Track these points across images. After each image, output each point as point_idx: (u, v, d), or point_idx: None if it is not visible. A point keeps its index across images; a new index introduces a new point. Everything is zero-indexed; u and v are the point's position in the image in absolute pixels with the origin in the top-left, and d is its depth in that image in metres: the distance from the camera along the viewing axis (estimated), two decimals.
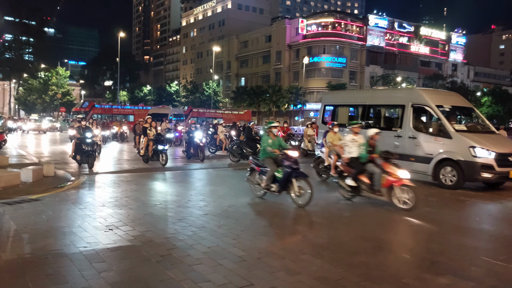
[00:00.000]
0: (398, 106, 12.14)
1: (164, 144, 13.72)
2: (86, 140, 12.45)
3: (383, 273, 4.48)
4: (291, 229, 6.18)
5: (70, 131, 23.44)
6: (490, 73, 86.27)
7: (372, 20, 64.44)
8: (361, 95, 14.25)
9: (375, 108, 13.36)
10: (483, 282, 4.31)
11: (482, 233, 6.38)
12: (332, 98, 16.09)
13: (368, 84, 62.30)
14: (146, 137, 14.00)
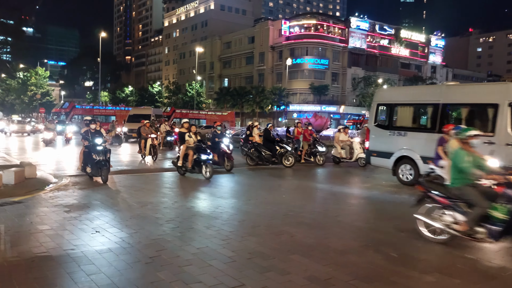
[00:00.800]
0: (488, 106, 9.68)
1: (208, 153, 11.38)
2: (96, 147, 10.24)
3: (371, 271, 4.56)
4: (280, 229, 6.21)
5: (46, 133, 22.47)
6: (468, 75, 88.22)
7: (354, 22, 65.22)
8: (431, 92, 11.93)
9: (452, 107, 10.85)
10: (467, 279, 4.43)
11: None
12: (389, 96, 13.04)
13: (350, 86, 63.02)
14: (184, 145, 11.72)
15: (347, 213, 7.88)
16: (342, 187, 11.07)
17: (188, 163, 11.48)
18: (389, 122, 11.71)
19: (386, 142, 11.55)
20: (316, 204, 8.57)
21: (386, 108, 12.05)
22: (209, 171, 11.11)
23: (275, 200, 8.59)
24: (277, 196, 9.21)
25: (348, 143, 15.89)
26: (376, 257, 5.04)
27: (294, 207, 7.95)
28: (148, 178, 11.70)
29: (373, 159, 12.04)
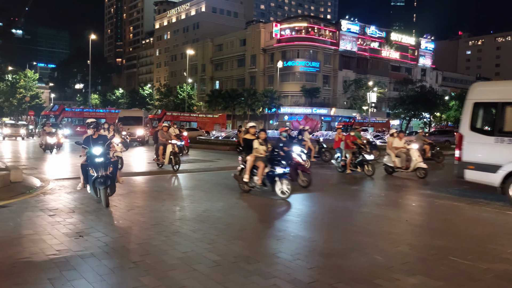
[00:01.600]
0: None
1: (284, 165, 9.07)
2: (94, 160, 7.67)
3: (355, 274, 4.56)
4: (266, 233, 6.21)
5: (48, 138, 20.58)
6: (457, 78, 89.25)
7: (345, 25, 65.64)
8: None
9: None
10: (451, 281, 4.45)
11: (450, 233, 6.58)
12: (493, 92, 9.88)
13: (341, 89, 63.35)
14: (252, 154, 9.33)
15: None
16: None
17: (258, 178, 9.20)
18: (495, 126, 9.31)
19: (490, 152, 9.24)
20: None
21: (487, 108, 9.79)
22: (287, 189, 8.87)
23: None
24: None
25: (404, 150, 13.73)
26: (360, 260, 5.04)
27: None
28: (139, 181, 11.62)
29: (469, 173, 9.59)
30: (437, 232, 6.61)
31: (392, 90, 67.28)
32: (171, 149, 13.79)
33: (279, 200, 8.97)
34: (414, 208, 8.76)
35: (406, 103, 57.00)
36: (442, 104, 59.65)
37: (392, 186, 11.92)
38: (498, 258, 5.26)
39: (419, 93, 57.49)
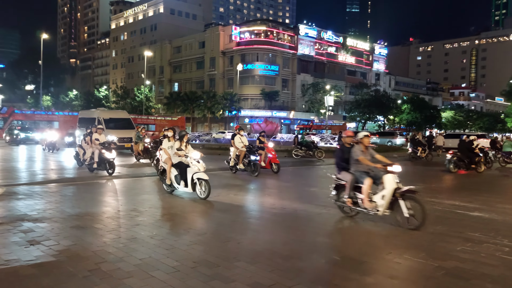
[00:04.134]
0: None
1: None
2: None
3: (315, 275, 4.63)
4: (227, 236, 6.17)
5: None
6: (408, 83, 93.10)
7: (303, 29, 66.80)
8: None
9: None
10: (405, 279, 4.61)
11: (404, 232, 6.82)
12: None
13: (299, 92, 64.40)
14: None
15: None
16: None
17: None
18: None
19: None
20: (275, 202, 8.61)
21: None
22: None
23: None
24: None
25: None
26: (319, 261, 5.12)
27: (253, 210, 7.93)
28: (91, 186, 11.22)
29: None
30: (394, 232, 6.84)
31: (348, 94, 69.14)
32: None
33: (240, 204, 8.97)
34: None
35: (362, 107, 58.82)
36: (395, 107, 61.99)
37: None
38: (448, 256, 5.51)
39: (374, 96, 59.52)
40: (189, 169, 9.21)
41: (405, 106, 64.13)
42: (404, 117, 63.25)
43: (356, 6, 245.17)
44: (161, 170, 10.25)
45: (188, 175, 9.18)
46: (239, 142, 14.40)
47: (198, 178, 9.08)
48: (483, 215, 8.25)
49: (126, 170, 15.23)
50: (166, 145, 9.96)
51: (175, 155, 9.55)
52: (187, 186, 9.21)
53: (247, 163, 14.05)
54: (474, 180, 14.91)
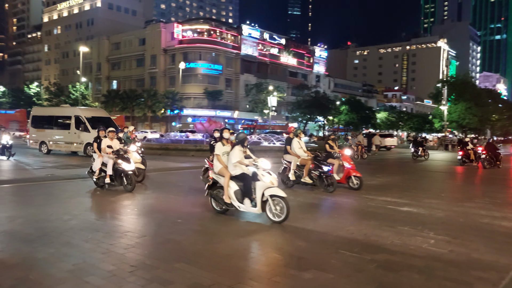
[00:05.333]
0: None
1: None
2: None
3: (255, 273, 4.68)
4: (166, 238, 6.05)
5: None
6: (346, 85, 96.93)
7: (246, 30, 67.18)
8: None
9: None
10: (340, 273, 4.80)
11: (342, 228, 7.09)
12: None
13: (243, 92, 64.74)
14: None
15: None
16: None
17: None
18: None
19: None
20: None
21: None
22: None
23: (167, 207, 8.36)
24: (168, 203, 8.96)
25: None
26: (259, 259, 5.19)
27: (182, 213, 7.83)
28: (21, 189, 10.50)
29: None
30: (329, 228, 7.09)
31: (290, 95, 70.59)
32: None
33: (183, 204, 8.84)
34: (306, 206, 9.27)
35: (303, 107, 60.35)
36: (334, 108, 64.29)
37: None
38: (380, 249, 5.82)
39: (314, 98, 61.30)
40: (258, 183, 7.17)
41: (343, 107, 66.74)
42: (343, 117, 65.77)
43: (298, 9, 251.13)
44: (210, 184, 8.04)
45: (257, 192, 7.19)
46: (299, 148, 11.34)
47: (271, 195, 7.08)
48: (412, 209, 8.79)
49: (60, 171, 14.46)
50: (221, 151, 7.83)
51: (236, 164, 7.51)
52: (255, 206, 7.22)
53: (318, 176, 11.05)
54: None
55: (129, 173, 10.14)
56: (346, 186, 11.42)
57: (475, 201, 10.12)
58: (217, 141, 9.55)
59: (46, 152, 22.19)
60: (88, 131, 20.64)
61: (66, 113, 22.94)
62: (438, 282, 4.59)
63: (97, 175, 10.45)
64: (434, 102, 62.96)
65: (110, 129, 10.70)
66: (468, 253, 5.71)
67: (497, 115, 61.51)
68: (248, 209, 7.32)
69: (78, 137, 21.07)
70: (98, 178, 10.46)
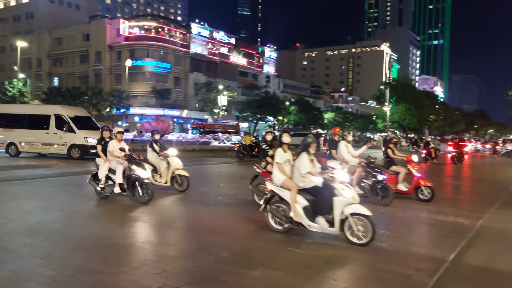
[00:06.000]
0: None
1: None
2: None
3: (203, 274, 4.65)
4: (112, 241, 5.86)
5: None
6: (295, 85, 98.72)
7: (195, 28, 66.50)
8: None
9: None
10: (287, 270, 4.90)
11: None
12: None
13: (193, 91, 64.04)
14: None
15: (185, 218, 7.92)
16: None
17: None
18: None
19: None
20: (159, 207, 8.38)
21: None
22: None
23: None
24: None
25: None
26: (208, 259, 5.17)
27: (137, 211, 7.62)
28: None
29: None
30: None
31: (240, 94, 70.80)
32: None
33: (125, 206, 8.60)
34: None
35: (253, 107, 60.77)
36: (284, 108, 65.32)
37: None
38: (327, 245, 6.00)
39: (264, 98, 61.92)
40: (337, 199, 6.00)
41: (292, 107, 68.00)
42: (292, 118, 67.02)
43: (247, 9, 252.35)
44: (267, 198, 6.73)
45: (335, 209, 6.00)
46: (347, 153, 9.90)
47: (353, 213, 5.93)
48: None
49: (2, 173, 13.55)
50: (282, 159, 6.60)
51: (304, 175, 6.35)
52: (333, 226, 6.04)
53: (370, 186, 9.40)
54: None
55: (146, 181, 8.71)
56: (414, 198, 10.11)
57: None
58: (268, 145, 8.96)
59: (15, 154, 20.21)
60: (73, 132, 19.14)
61: (42, 111, 20.84)
62: (379, 274, 4.82)
63: (103, 184, 9.01)
64: (377, 103, 65.74)
65: (118, 130, 9.37)
66: (407, 247, 6.04)
67: (434, 116, 65.39)
68: (322, 229, 6.10)
69: (60, 138, 19.30)
70: (103, 188, 9.06)
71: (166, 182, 10.46)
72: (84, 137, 19.07)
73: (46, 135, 19.65)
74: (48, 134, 19.62)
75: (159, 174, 10.45)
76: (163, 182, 10.46)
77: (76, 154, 19.09)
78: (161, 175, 10.46)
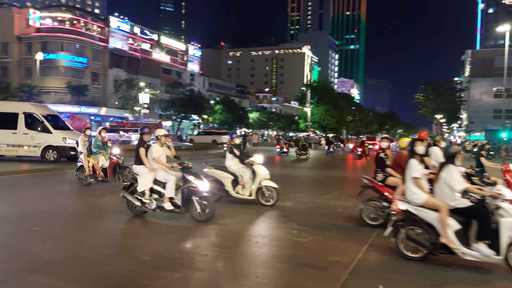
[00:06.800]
0: None
1: None
2: None
3: (122, 278, 4.47)
4: (19, 248, 5.39)
5: None
6: (220, 85, 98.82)
7: (114, 22, 63.58)
8: None
9: None
10: (211, 269, 4.89)
11: (201, 225, 7.21)
12: None
13: (112, 87, 61.19)
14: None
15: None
16: None
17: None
18: None
19: None
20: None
21: None
22: None
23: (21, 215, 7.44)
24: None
25: None
26: (128, 263, 4.98)
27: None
28: None
29: None
30: (201, 227, 7.15)
31: (164, 92, 69.13)
32: None
33: (19, 213, 7.97)
34: None
35: (177, 106, 59.68)
36: (209, 107, 65.04)
37: None
38: (249, 243, 6.08)
39: (189, 96, 61.13)
40: (504, 221, 4.94)
41: (217, 106, 67.97)
42: (217, 117, 66.97)
43: (171, 5, 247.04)
44: (398, 219, 5.58)
45: (502, 233, 4.94)
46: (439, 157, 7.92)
47: None
48: (279, 203, 9.38)
49: None
50: (419, 173, 5.57)
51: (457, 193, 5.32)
52: (498, 252, 4.97)
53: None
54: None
55: (206, 196, 7.27)
56: None
57: (332, 193, 11.27)
58: (384, 153, 7.60)
59: None
60: (48, 132, 17.26)
61: (8, 109, 18.24)
62: (300, 269, 5.00)
63: (148, 197, 7.38)
64: (299, 104, 68.07)
65: (162, 132, 7.71)
66: (325, 240, 6.34)
67: (351, 116, 69.40)
68: (482, 257, 5.04)
69: (32, 138, 17.26)
70: (144, 203, 7.38)
71: (251, 195, 9.00)
72: (63, 138, 17.36)
73: (13, 136, 17.33)
74: (16, 134, 17.34)
75: (241, 185, 9.01)
76: (247, 194, 9.01)
77: (52, 156, 17.29)
78: (244, 186, 9.00)
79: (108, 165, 11.30)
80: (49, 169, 15.37)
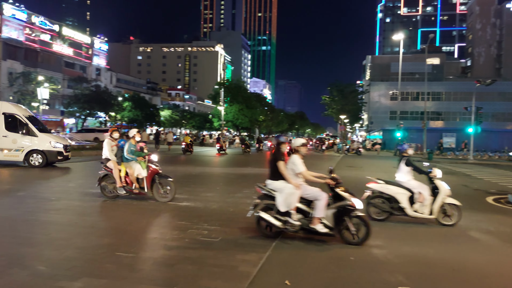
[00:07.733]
0: None
1: None
2: None
3: None
4: None
5: None
6: (130, 81, 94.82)
7: (8, 10, 57.61)
8: None
9: None
10: (114, 276, 4.64)
11: (118, 230, 6.88)
12: None
13: (7, 81, 55.43)
14: None
15: None
16: None
17: None
18: None
19: None
20: None
21: None
22: None
23: None
24: None
25: None
26: (21, 274, 4.53)
27: None
28: None
29: None
30: (105, 231, 6.79)
31: (66, 87, 64.33)
32: None
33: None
34: (83, 210, 8.63)
35: (82, 102, 55.93)
36: (117, 104, 61.96)
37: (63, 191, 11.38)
38: (158, 246, 5.91)
39: (94, 92, 57.62)
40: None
41: (126, 103, 65.01)
42: (126, 114, 64.06)
43: None
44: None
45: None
46: None
47: None
48: (190, 204, 9.27)
49: None
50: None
51: None
52: None
53: None
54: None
55: (359, 215, 6.35)
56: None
57: (244, 192, 11.43)
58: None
59: None
60: (33, 135, 16.04)
61: None
62: (209, 269, 4.98)
63: (296, 218, 6.29)
64: (213, 103, 68.01)
65: (301, 141, 6.76)
66: (235, 239, 6.40)
67: (263, 116, 71.18)
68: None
69: (14, 142, 15.89)
70: (285, 223, 6.32)
71: (431, 214, 8.04)
72: (50, 142, 16.00)
73: None
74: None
75: (419, 202, 8.03)
76: (426, 213, 8.04)
77: (37, 161, 15.84)
78: (422, 204, 8.03)
79: (146, 175, 9.40)
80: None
